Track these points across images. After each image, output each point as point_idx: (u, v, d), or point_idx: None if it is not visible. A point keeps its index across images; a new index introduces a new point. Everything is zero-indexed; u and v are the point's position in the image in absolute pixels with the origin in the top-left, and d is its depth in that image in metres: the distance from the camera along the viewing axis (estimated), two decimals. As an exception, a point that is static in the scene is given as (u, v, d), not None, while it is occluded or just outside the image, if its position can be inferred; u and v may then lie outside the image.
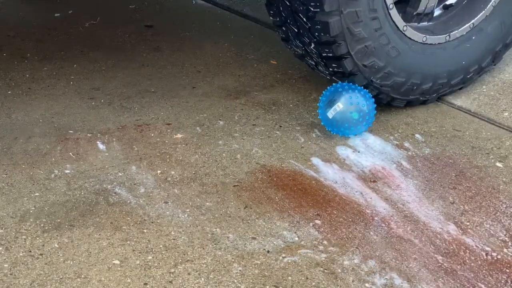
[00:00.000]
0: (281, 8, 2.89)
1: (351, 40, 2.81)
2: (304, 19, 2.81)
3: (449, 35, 3.07)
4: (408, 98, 3.09)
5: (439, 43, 3.05)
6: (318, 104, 2.95)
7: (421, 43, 3.01)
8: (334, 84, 2.96)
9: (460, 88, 3.23)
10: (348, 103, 2.87)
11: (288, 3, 2.83)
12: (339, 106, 2.88)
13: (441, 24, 3.12)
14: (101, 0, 4.28)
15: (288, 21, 2.90)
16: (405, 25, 2.95)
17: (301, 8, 2.79)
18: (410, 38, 2.97)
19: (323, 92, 2.94)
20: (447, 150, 2.93)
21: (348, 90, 2.88)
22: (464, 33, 3.10)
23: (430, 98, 3.16)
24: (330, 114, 2.89)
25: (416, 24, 3.07)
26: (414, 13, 3.06)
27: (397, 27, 2.92)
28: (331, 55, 2.87)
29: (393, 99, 3.07)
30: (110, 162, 2.74)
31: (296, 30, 2.90)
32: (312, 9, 2.75)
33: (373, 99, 2.93)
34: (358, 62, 2.87)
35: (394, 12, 2.90)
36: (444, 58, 3.08)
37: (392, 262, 2.35)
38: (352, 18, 2.78)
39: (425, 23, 3.10)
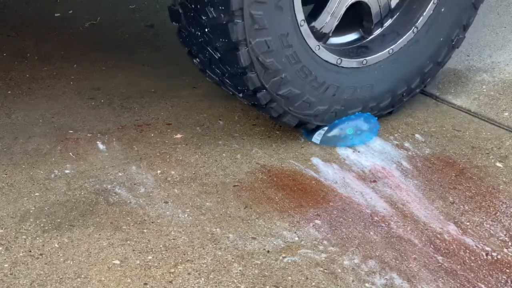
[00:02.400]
0: (193, 39, 2.69)
1: (263, 71, 2.60)
2: (214, 51, 2.62)
3: (366, 60, 2.87)
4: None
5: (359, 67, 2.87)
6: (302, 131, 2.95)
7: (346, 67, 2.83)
8: None
9: (390, 112, 3.04)
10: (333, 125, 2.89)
11: (198, 33, 2.63)
12: (324, 129, 2.90)
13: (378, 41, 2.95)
14: (101, 0, 4.28)
15: (201, 51, 2.70)
16: (339, 58, 2.79)
17: (208, 38, 2.59)
18: (324, 60, 2.76)
19: None
20: (447, 150, 2.93)
21: None
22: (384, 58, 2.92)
23: None
24: (315, 139, 2.89)
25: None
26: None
27: (327, 61, 2.76)
28: (244, 87, 2.66)
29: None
30: (110, 162, 2.74)
31: (208, 61, 2.71)
32: (220, 39, 2.55)
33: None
34: (273, 92, 2.67)
35: (318, 47, 2.72)
36: (371, 80, 2.90)
37: (392, 262, 2.35)
38: (262, 48, 2.56)
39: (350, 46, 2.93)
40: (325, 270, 2.29)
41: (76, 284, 2.18)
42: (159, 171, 2.69)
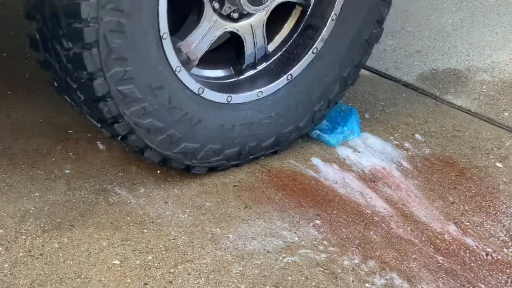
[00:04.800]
0: (51, 66, 2.44)
1: (122, 100, 2.35)
2: (71, 79, 2.38)
3: (231, 97, 2.60)
4: (209, 164, 2.62)
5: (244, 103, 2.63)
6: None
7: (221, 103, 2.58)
8: None
9: (275, 152, 2.77)
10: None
11: (56, 61, 2.38)
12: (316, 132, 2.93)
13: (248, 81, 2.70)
14: (101, 0, 4.28)
15: (59, 78, 2.46)
16: (201, 87, 2.50)
17: (65, 67, 2.35)
18: (185, 85, 2.48)
19: None
20: (447, 150, 2.93)
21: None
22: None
23: (242, 162, 2.71)
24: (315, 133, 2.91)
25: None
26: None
27: (188, 87, 2.48)
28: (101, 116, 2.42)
29: (189, 167, 2.59)
30: (110, 162, 2.74)
31: (66, 89, 2.46)
32: (75, 69, 2.31)
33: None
34: (132, 124, 2.40)
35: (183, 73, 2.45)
36: (243, 119, 2.63)
37: (392, 262, 2.35)
38: (119, 77, 2.31)
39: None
40: (325, 270, 2.29)
41: (76, 284, 2.17)
42: (159, 171, 2.69)
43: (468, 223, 2.55)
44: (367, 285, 2.26)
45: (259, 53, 2.68)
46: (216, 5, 2.49)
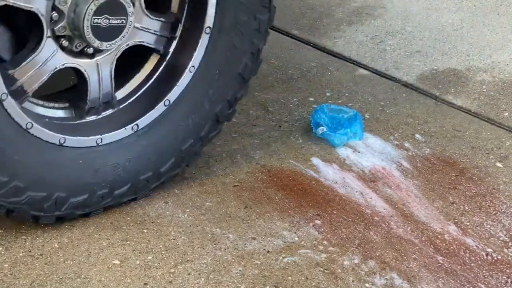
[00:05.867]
0: None
1: None
2: None
3: (65, 139, 2.30)
4: (55, 214, 2.34)
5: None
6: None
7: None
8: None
9: (135, 199, 2.50)
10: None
11: None
12: (323, 129, 2.92)
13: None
14: (101, 0, 4.28)
15: None
16: (29, 122, 2.19)
17: None
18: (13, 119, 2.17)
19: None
20: (447, 150, 2.93)
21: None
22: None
23: (93, 211, 2.42)
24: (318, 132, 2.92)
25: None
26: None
27: (17, 122, 2.18)
28: None
29: (37, 217, 2.32)
30: (110, 162, 2.74)
31: None
32: None
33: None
34: None
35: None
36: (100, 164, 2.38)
37: (392, 262, 2.35)
38: None
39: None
40: (325, 270, 2.29)
41: (76, 284, 2.17)
42: (159, 171, 2.69)
43: (468, 223, 2.55)
44: (367, 285, 2.26)
45: (104, 98, 2.39)
46: (57, 32, 2.19)
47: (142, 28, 2.36)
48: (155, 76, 2.47)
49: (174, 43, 2.45)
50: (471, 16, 4.00)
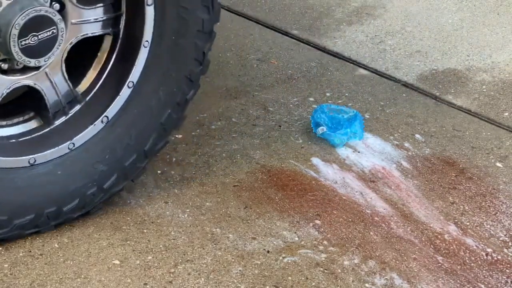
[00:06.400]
0: None
1: None
2: None
3: None
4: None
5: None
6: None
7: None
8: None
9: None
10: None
11: None
12: (323, 129, 2.92)
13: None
14: (101, 0, 4.28)
15: None
16: None
17: None
18: None
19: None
20: (447, 150, 2.93)
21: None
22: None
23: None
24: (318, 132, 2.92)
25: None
26: None
27: None
28: None
29: None
30: (110, 162, 2.74)
31: None
32: None
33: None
34: None
35: None
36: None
37: (392, 262, 2.35)
38: None
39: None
40: (325, 270, 2.29)
41: (76, 284, 2.17)
42: (159, 171, 2.69)
43: (468, 223, 2.55)
44: (367, 285, 2.26)
45: (65, 99, 2.33)
46: None
47: (82, 22, 2.26)
48: (113, 58, 2.37)
49: (122, 20, 2.33)
50: (471, 16, 4.00)
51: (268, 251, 2.35)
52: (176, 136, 2.92)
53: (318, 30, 3.81)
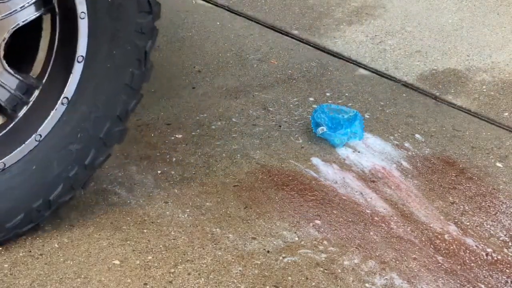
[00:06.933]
0: None
1: None
2: None
3: None
4: None
5: None
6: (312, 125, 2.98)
7: None
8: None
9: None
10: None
11: None
12: (323, 129, 2.92)
13: None
14: (101, 0, 4.28)
15: None
16: None
17: None
18: None
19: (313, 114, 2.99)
20: (447, 150, 2.93)
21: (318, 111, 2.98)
22: None
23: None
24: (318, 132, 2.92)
25: None
26: None
27: None
28: None
29: None
30: (110, 162, 2.74)
31: None
32: None
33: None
34: None
35: None
36: None
37: (392, 262, 2.35)
38: None
39: None
40: (325, 270, 2.29)
41: (76, 284, 2.17)
42: (159, 171, 2.69)
43: (468, 223, 2.55)
44: (367, 285, 2.26)
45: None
46: None
47: (8, 14, 2.13)
48: (57, 36, 2.24)
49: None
50: (471, 16, 4.00)
51: (268, 251, 2.35)
52: (176, 136, 2.92)
53: (318, 30, 3.81)
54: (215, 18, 4.01)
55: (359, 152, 2.88)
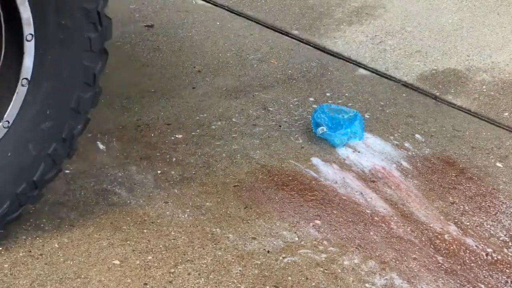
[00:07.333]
0: None
1: None
2: None
3: None
4: None
5: None
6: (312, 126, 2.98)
7: None
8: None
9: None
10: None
11: None
12: (323, 129, 2.91)
13: None
14: (101, 0, 4.28)
15: None
16: None
17: None
18: None
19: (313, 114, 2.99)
20: (447, 150, 2.93)
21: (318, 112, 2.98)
22: None
23: None
24: (318, 132, 2.92)
25: None
26: None
27: None
28: None
29: None
30: (110, 162, 2.74)
31: None
32: None
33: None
34: None
35: None
36: None
37: (392, 262, 2.35)
38: None
39: None
40: (325, 270, 2.29)
41: (76, 284, 2.17)
42: (159, 171, 2.69)
43: (468, 223, 2.55)
44: (367, 285, 2.26)
45: None
46: None
47: None
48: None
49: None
50: (471, 16, 4.00)
51: (268, 251, 2.35)
52: (176, 136, 2.92)
53: (318, 30, 3.81)
54: (215, 18, 4.01)
55: (359, 152, 2.88)
